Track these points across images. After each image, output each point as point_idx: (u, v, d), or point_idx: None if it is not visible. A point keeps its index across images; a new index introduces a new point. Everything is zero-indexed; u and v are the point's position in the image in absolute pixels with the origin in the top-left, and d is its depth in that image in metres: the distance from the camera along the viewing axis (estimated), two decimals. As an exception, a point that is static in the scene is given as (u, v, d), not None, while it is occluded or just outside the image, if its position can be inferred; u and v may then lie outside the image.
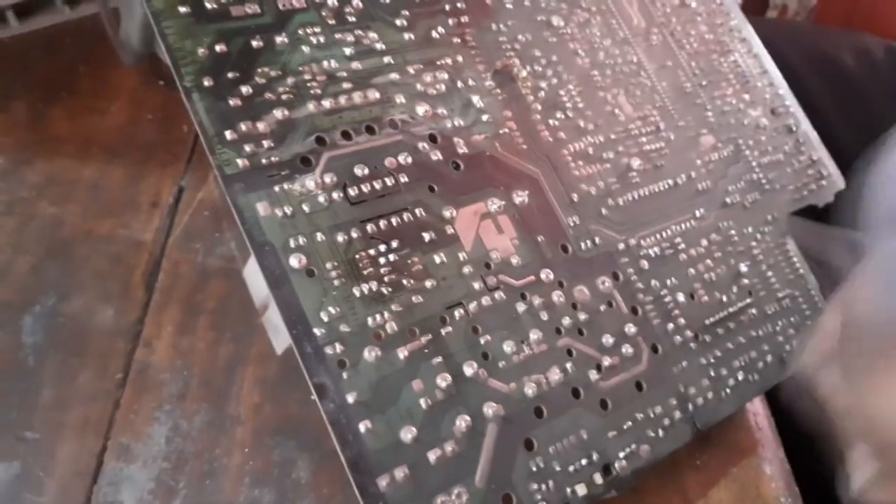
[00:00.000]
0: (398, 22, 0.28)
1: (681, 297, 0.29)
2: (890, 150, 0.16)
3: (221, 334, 0.31)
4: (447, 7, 0.29)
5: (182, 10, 0.24)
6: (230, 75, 0.23)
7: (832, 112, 0.44)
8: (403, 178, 0.25)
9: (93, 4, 0.40)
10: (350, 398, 0.21)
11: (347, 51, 0.26)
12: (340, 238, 0.23)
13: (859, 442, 0.21)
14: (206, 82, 0.23)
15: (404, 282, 0.23)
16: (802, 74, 0.45)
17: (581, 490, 0.24)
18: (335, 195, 0.23)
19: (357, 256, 0.23)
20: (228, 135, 0.23)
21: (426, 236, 0.24)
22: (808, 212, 0.35)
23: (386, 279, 0.23)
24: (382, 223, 0.24)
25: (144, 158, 0.37)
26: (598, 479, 0.25)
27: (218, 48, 0.24)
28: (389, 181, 0.25)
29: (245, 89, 0.23)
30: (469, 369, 0.23)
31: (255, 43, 0.24)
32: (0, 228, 0.33)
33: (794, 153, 0.36)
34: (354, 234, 0.23)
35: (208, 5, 0.24)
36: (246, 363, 0.31)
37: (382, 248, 0.23)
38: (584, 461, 0.25)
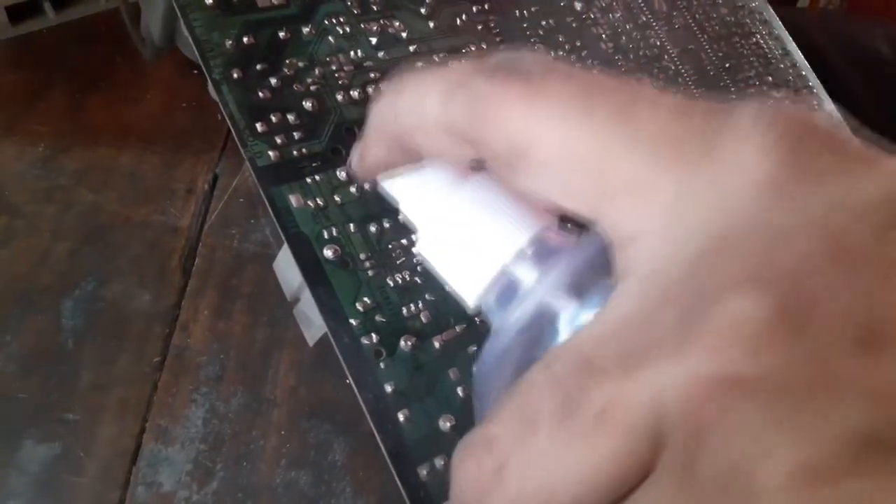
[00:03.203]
0: (422, 10, 0.26)
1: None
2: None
3: (257, 318, 0.30)
4: (471, -7, 0.27)
5: (208, 1, 0.22)
6: (258, 67, 0.22)
7: (867, 102, 0.41)
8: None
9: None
10: (388, 388, 0.20)
11: (373, 40, 0.24)
12: (373, 228, 0.21)
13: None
14: (235, 74, 0.21)
15: (437, 270, 0.22)
16: (836, 64, 0.42)
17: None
18: (366, 185, 0.22)
19: (390, 246, 0.21)
20: (259, 127, 0.21)
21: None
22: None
23: (419, 268, 0.21)
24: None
25: (179, 146, 0.35)
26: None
27: (245, 40, 0.22)
28: (419, 169, 0.23)
29: (274, 81, 0.22)
30: (503, 357, 0.22)
31: (282, 34, 0.23)
32: (40, 215, 0.32)
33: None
34: (387, 224, 0.21)
35: (234, -4, 0.22)
36: (281, 347, 0.29)
37: (415, 237, 0.22)
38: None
